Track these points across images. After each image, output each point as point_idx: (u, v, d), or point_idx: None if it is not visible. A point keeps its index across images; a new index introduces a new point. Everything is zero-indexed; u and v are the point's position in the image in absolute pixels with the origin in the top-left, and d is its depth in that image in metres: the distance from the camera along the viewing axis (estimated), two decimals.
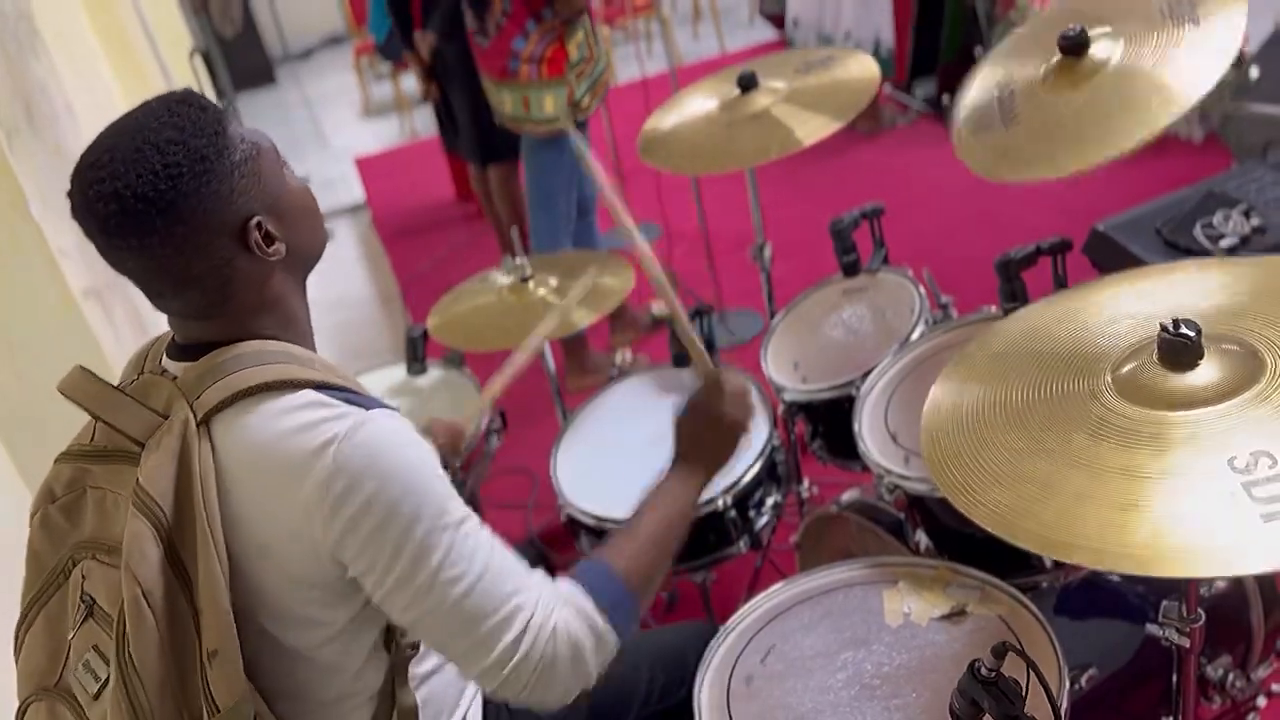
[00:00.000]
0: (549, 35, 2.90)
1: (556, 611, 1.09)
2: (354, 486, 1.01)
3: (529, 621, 1.07)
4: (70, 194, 1.02)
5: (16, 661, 1.14)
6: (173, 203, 1.00)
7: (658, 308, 3.57)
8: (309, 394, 1.06)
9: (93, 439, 1.12)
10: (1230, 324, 1.12)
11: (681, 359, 2.06)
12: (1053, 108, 1.47)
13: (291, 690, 1.10)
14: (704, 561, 1.85)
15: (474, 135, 3.67)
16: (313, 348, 1.18)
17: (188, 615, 1.02)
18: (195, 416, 1.04)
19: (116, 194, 0.99)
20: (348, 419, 1.03)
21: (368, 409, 1.06)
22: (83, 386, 1.10)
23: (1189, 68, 1.36)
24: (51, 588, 1.12)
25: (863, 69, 2.09)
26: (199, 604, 1.01)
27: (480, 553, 1.06)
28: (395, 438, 1.05)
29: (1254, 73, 3.04)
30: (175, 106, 1.04)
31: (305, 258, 1.15)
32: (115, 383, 1.14)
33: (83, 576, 1.09)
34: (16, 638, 1.14)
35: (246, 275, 1.07)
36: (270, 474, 1.02)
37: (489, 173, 3.77)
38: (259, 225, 1.05)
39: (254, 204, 1.05)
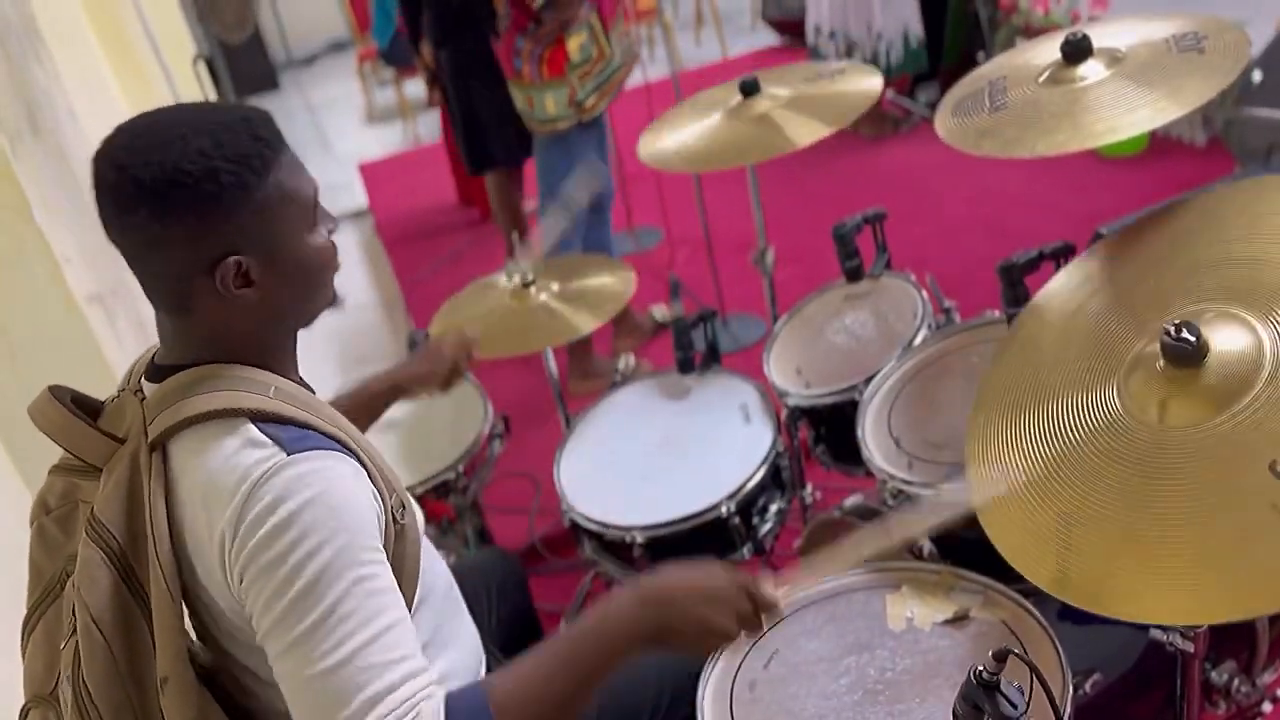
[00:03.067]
0: (548, 36, 2.91)
1: None
2: (259, 521, 0.99)
3: None
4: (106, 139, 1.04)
5: (23, 659, 1.15)
6: (162, 203, 1.00)
7: (660, 312, 3.57)
8: (249, 429, 1.04)
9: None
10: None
11: (686, 365, 2.06)
12: (1040, 101, 1.49)
13: (262, 708, 1.11)
14: None
15: (467, 142, 3.67)
16: (293, 371, 1.17)
17: (147, 640, 1.02)
18: (147, 440, 1.04)
19: (123, 165, 1.00)
20: (272, 460, 1.01)
21: (295, 451, 1.02)
22: (46, 413, 1.11)
23: (1179, 86, 1.38)
24: (49, 597, 1.13)
25: (868, 80, 2.10)
26: (154, 630, 1.01)
27: (360, 634, 0.97)
28: (314, 479, 1.01)
29: (1256, 77, 3.03)
30: (236, 123, 1.03)
31: (290, 316, 1.13)
32: (115, 385, 1.15)
33: (75, 588, 1.09)
34: (22, 636, 1.15)
35: (205, 301, 1.06)
36: (204, 503, 1.02)
37: (486, 181, 3.76)
38: (238, 265, 1.04)
39: (245, 243, 1.04)
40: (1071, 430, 1.14)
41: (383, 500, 1.10)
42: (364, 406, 1.58)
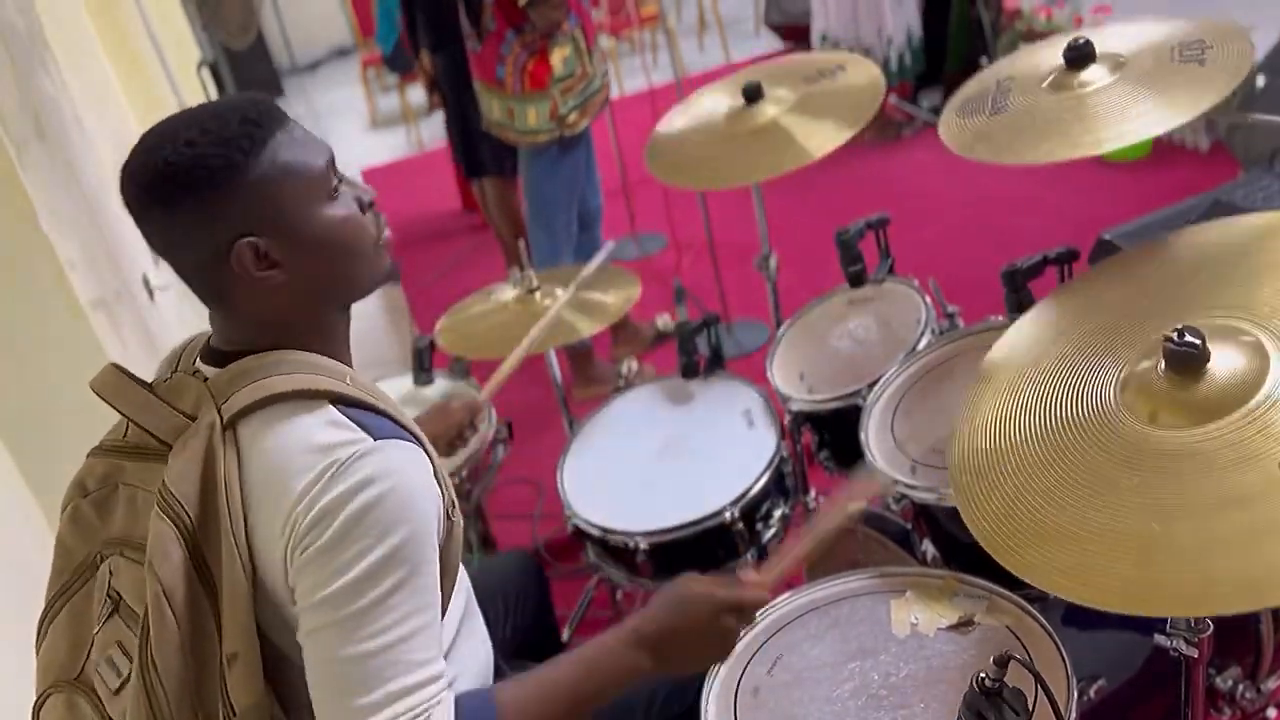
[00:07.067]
0: (530, 47, 2.88)
1: None
2: (342, 501, 1.00)
3: None
4: None
5: (37, 652, 1.15)
6: (163, 199, 1.03)
7: (664, 321, 3.58)
8: (330, 412, 1.06)
9: (126, 435, 1.13)
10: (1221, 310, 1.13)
11: (690, 370, 2.06)
12: (1040, 107, 1.49)
13: (305, 699, 1.10)
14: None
15: (462, 148, 3.66)
16: (346, 356, 1.19)
17: (210, 617, 1.03)
18: (221, 419, 1.05)
19: (130, 169, 1.05)
20: (358, 443, 1.03)
21: (380, 437, 1.05)
22: (113, 385, 1.12)
23: (1181, 94, 1.38)
24: (78, 582, 1.13)
25: (869, 77, 2.09)
26: (221, 607, 1.02)
27: (400, 628, 1.00)
28: (397, 468, 1.03)
29: (1260, 82, 3.03)
30: (226, 111, 1.06)
31: (329, 293, 1.14)
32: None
33: (110, 573, 1.09)
34: (39, 629, 1.15)
35: (238, 289, 1.08)
36: (276, 483, 1.03)
37: (484, 187, 3.76)
38: (252, 246, 1.05)
39: (253, 225, 1.05)
40: (1062, 426, 1.14)
41: (443, 497, 1.12)
42: None
